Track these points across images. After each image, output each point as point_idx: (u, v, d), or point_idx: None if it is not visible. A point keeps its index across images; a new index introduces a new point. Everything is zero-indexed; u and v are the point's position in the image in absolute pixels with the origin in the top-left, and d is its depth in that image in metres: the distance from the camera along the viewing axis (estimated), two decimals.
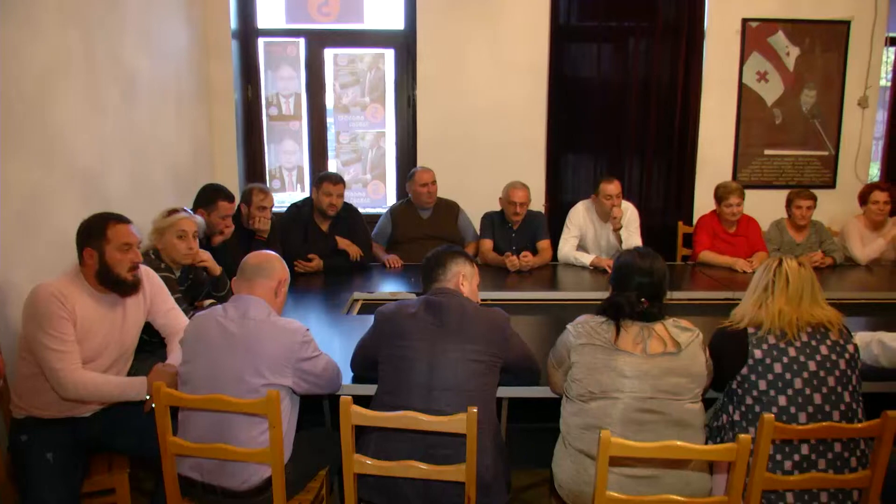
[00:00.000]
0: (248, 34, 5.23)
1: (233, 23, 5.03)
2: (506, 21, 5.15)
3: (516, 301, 3.74)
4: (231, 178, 5.04)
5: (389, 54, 5.37)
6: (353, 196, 5.47)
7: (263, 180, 5.37)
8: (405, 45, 5.28)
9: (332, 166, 5.51)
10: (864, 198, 4.73)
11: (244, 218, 3.93)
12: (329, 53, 5.35)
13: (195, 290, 3.27)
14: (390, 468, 2.06)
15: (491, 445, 2.21)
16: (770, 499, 2.10)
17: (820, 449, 2.12)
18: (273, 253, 2.50)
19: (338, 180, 4.24)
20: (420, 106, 5.24)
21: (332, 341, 2.94)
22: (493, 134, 5.25)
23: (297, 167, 5.50)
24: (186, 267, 3.17)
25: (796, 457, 2.12)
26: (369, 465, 2.07)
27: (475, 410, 1.95)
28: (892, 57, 5.49)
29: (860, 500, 2.10)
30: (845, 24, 5.38)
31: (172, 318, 2.77)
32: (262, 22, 5.28)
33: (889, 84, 5.54)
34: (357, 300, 3.70)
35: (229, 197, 3.69)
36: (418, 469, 2.04)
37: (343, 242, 4.25)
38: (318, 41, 5.31)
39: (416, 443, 2.15)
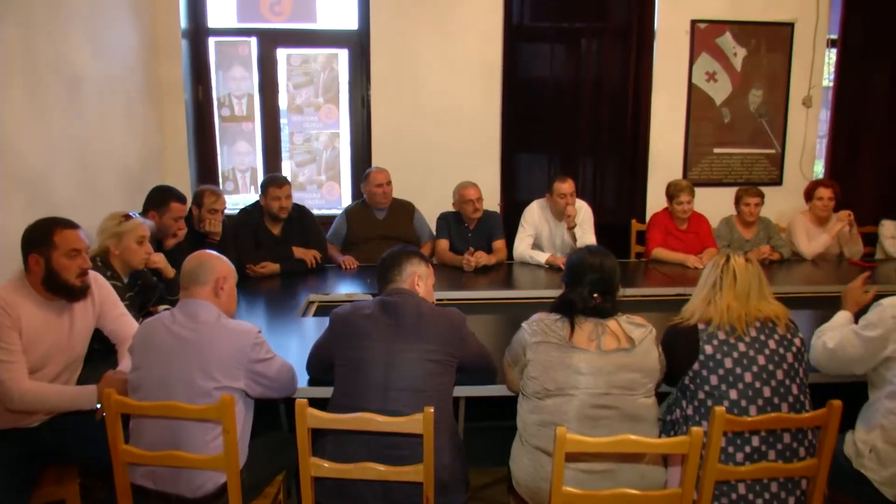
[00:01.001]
0: (198, 33, 5.15)
1: (183, 22, 4.93)
2: (459, 21, 5.16)
3: (473, 300, 3.75)
4: (182, 180, 4.94)
5: (343, 54, 5.34)
6: (307, 197, 5.42)
7: (216, 182, 5.28)
8: (359, 44, 5.25)
9: (286, 167, 5.45)
10: (809, 194, 4.86)
11: (195, 221, 3.87)
12: (282, 53, 5.30)
13: (145, 295, 3.20)
14: (348, 470, 2.05)
15: (448, 445, 2.21)
16: (723, 490, 2.14)
17: (770, 440, 2.17)
18: (209, 252, 2.44)
19: (283, 182, 4.20)
20: (374, 106, 5.22)
21: (288, 344, 2.91)
22: (447, 134, 5.26)
23: (251, 168, 5.43)
24: (135, 272, 3.11)
25: (748, 448, 2.16)
26: (326, 468, 2.06)
27: (431, 410, 1.95)
28: (834, 58, 5.65)
29: (808, 488, 2.15)
30: (789, 26, 5.53)
31: (122, 324, 2.71)
32: (213, 21, 5.20)
33: (831, 84, 5.70)
34: (312, 302, 3.67)
35: (181, 198, 3.63)
36: (376, 471, 2.04)
37: (299, 252, 4.21)
38: (270, 41, 5.25)
39: (374, 444, 2.14)
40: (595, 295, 2.21)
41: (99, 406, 2.36)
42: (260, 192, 4.25)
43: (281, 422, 3.17)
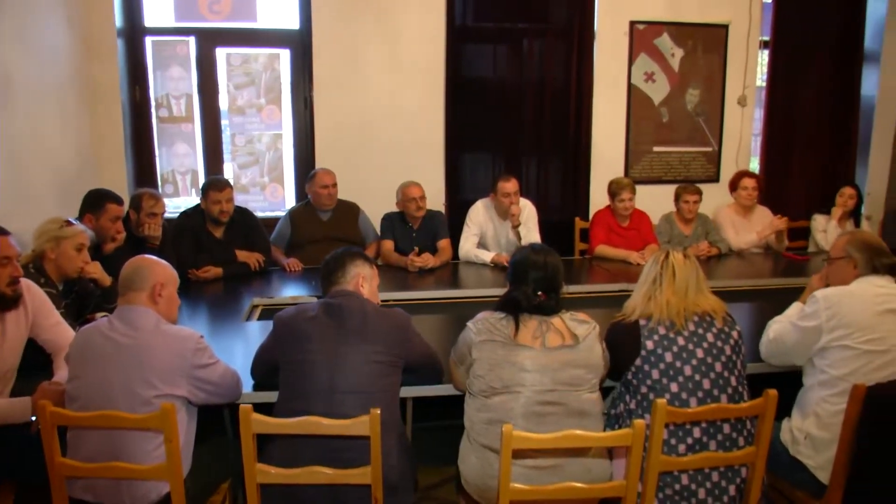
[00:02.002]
0: (134, 33, 5.02)
1: (118, 21, 4.80)
2: (402, 21, 5.15)
3: (419, 300, 3.75)
4: (120, 184, 4.81)
5: (285, 54, 5.27)
6: (251, 200, 5.34)
7: (155, 185, 5.16)
8: (301, 44, 5.19)
9: (228, 169, 5.36)
10: (734, 184, 5.03)
11: (134, 225, 3.77)
12: (221, 53, 5.20)
13: (82, 303, 3.11)
14: (295, 475, 2.03)
15: (396, 446, 2.21)
16: (666, 481, 2.19)
17: (710, 431, 2.22)
18: (147, 257, 2.39)
19: (223, 185, 4.12)
20: (317, 107, 5.17)
21: (233, 349, 2.87)
22: (391, 134, 5.25)
23: (191, 171, 5.32)
24: (70, 280, 3.02)
25: (689, 440, 2.22)
26: (273, 473, 2.03)
27: (378, 412, 1.95)
28: (767, 59, 5.83)
29: (748, 475, 2.22)
30: (724, 28, 5.68)
31: (57, 333, 2.62)
32: (150, 20, 5.07)
33: (764, 84, 5.88)
34: (257, 306, 3.62)
35: (118, 200, 3.53)
36: (323, 474, 2.02)
37: (242, 255, 4.15)
38: (209, 40, 5.15)
39: (321, 448, 2.12)
40: (539, 293, 2.24)
41: (34, 419, 2.28)
42: (200, 196, 4.17)
43: (226, 428, 3.12)
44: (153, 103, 5.16)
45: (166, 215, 3.94)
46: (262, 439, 2.11)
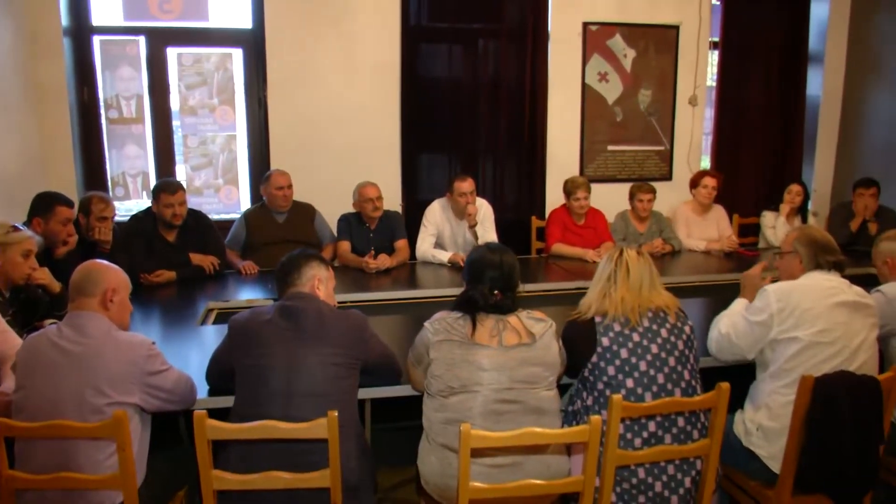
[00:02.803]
0: (81, 32, 4.90)
1: (63, 19, 4.68)
2: (356, 21, 5.13)
3: (376, 301, 3.74)
4: (69, 187, 4.68)
5: (237, 54, 5.20)
6: (204, 202, 5.26)
7: (105, 188, 5.04)
8: (253, 44, 5.13)
9: (181, 171, 5.27)
10: (695, 182, 5.12)
11: (83, 229, 3.68)
12: (172, 53, 5.11)
13: (29, 310, 3.02)
14: (252, 481, 2.00)
15: (354, 448, 2.19)
16: (623, 475, 2.22)
17: (665, 425, 2.26)
18: (98, 262, 2.34)
19: (176, 188, 4.05)
20: (272, 107, 5.12)
21: (188, 354, 2.82)
22: (347, 134, 5.22)
23: (143, 173, 5.21)
24: (17, 287, 2.93)
25: (645, 434, 2.25)
26: (229, 479, 2.00)
27: (335, 414, 1.94)
28: (717, 59, 5.96)
29: (702, 467, 2.26)
30: (675, 29, 5.78)
31: (3, 341, 2.53)
32: (98, 19, 4.96)
33: (714, 84, 6.01)
34: (212, 310, 3.56)
35: (67, 202, 3.44)
36: (281, 479, 1.99)
37: (196, 258, 4.08)
38: (159, 40, 5.06)
39: (279, 452, 2.09)
40: (496, 292, 2.25)
41: None
42: (152, 199, 4.09)
43: (181, 435, 3.07)
44: (102, 104, 5.05)
45: (117, 219, 3.85)
46: (219, 445, 2.08)
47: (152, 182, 5.14)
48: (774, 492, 2.41)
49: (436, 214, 4.65)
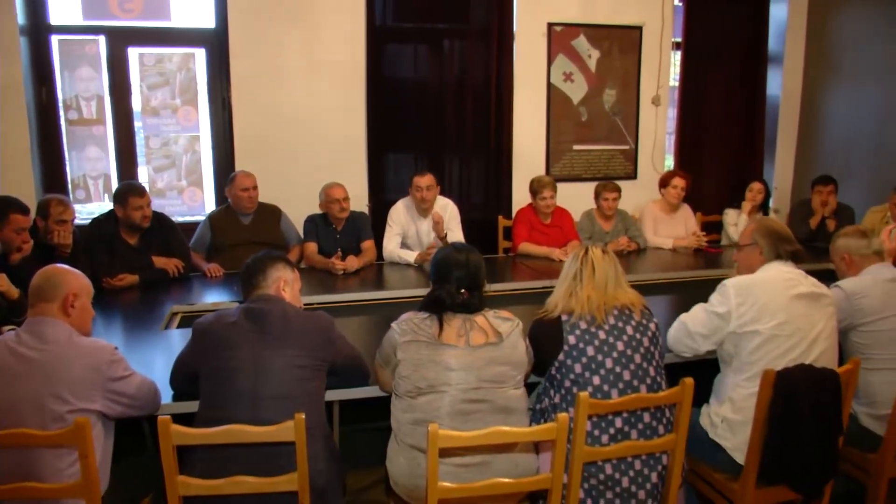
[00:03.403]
0: (38, 31, 4.80)
1: (20, 18, 4.58)
2: (321, 21, 5.10)
3: (344, 303, 3.72)
4: (27, 190, 4.59)
5: (200, 54, 5.14)
6: (167, 204, 5.19)
7: (65, 191, 4.94)
8: (217, 44, 5.07)
9: (143, 173, 5.19)
10: (665, 182, 5.18)
11: (42, 233, 3.60)
12: (133, 52, 5.02)
13: None
14: (219, 486, 1.98)
15: (322, 450, 2.18)
16: (591, 471, 2.24)
17: (632, 421, 2.29)
18: (59, 266, 2.29)
19: (143, 191, 3.99)
20: (236, 107, 5.06)
21: (152, 359, 2.78)
22: (312, 135, 5.19)
23: (104, 175, 5.12)
24: None
25: (611, 430, 2.27)
26: (195, 485, 1.98)
27: (302, 417, 1.92)
28: (679, 60, 6.04)
29: (669, 462, 2.29)
30: (638, 30, 5.85)
31: None
32: (56, 18, 4.86)
33: (677, 84, 6.09)
34: (176, 313, 3.52)
35: (23, 209, 3.36)
36: (248, 483, 1.98)
37: (160, 262, 4.02)
38: (120, 39, 4.97)
39: (246, 456, 2.07)
40: (462, 291, 2.25)
41: None
42: (116, 202, 4.00)
43: (145, 441, 3.02)
44: (61, 105, 4.95)
45: (77, 222, 3.78)
46: (185, 451, 2.05)
47: (114, 184, 5.05)
48: (739, 484, 2.45)
49: (400, 214, 4.64)
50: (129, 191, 3.96)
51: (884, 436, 2.60)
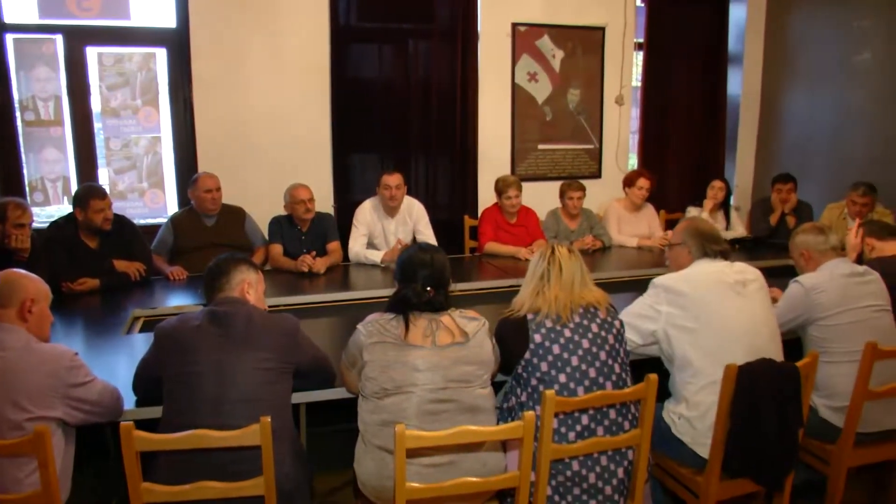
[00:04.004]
0: None
1: None
2: (284, 20, 5.06)
3: (310, 304, 3.69)
4: None
5: (161, 54, 5.06)
6: (129, 206, 5.10)
7: (22, 194, 4.83)
8: (178, 43, 5.00)
9: (104, 175, 5.09)
10: (630, 181, 5.23)
11: None
12: (92, 52, 4.93)
13: None
14: (184, 492, 1.95)
15: (289, 453, 2.16)
16: (558, 468, 2.25)
17: (598, 417, 2.30)
18: (15, 271, 2.25)
19: (104, 193, 3.92)
20: (198, 108, 4.99)
21: (114, 364, 2.72)
22: (276, 136, 5.14)
23: (62, 178, 5.02)
24: None
25: (578, 427, 2.29)
26: (159, 492, 1.94)
27: (268, 420, 1.90)
28: (642, 60, 6.11)
29: (634, 457, 2.32)
30: (601, 30, 5.91)
31: None
32: (10, 16, 4.74)
33: (640, 84, 6.16)
34: (138, 317, 3.46)
35: None
36: (213, 489, 1.95)
37: (121, 265, 3.95)
38: (78, 38, 4.88)
39: (211, 461, 2.05)
40: (428, 289, 2.25)
41: None
42: (76, 205, 3.92)
43: (107, 448, 2.97)
44: (17, 106, 4.83)
45: (35, 225, 3.70)
46: (149, 457, 2.02)
47: (73, 187, 4.95)
48: (703, 478, 2.49)
49: (366, 214, 4.62)
50: (89, 193, 3.88)
51: (842, 427, 2.66)
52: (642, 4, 6.02)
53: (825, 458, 2.75)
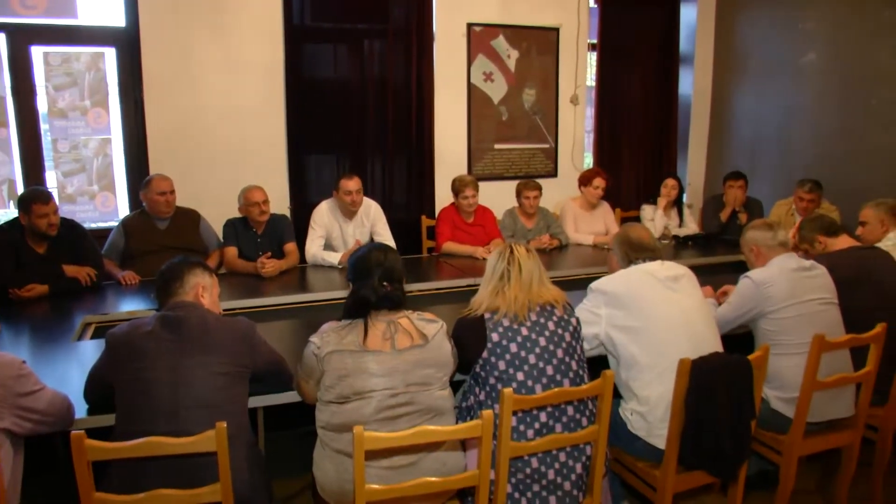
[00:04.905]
0: None
1: None
2: (236, 19, 4.99)
3: (266, 307, 3.65)
4: None
5: (110, 53, 4.95)
6: (78, 210, 4.98)
7: None
8: (128, 43, 4.90)
9: (51, 178, 4.96)
10: (586, 180, 5.28)
11: None
12: (38, 51, 4.79)
13: None
14: (137, 501, 1.91)
15: (246, 459, 2.13)
16: (517, 466, 2.27)
17: (556, 414, 2.32)
18: None
19: (49, 198, 3.80)
20: (149, 109, 4.90)
21: (64, 372, 2.65)
22: (230, 136, 5.08)
23: (8, 181, 4.87)
24: None
25: (536, 424, 2.31)
26: (112, 501, 1.90)
27: (224, 425, 1.87)
28: (595, 60, 6.18)
29: (592, 453, 2.34)
30: (555, 31, 5.96)
31: None
32: None
33: (594, 84, 6.23)
34: (89, 324, 3.37)
35: None
36: (169, 497, 1.91)
37: (71, 270, 3.84)
38: (22, 37, 4.74)
39: (168, 469, 2.00)
40: (385, 284, 2.25)
41: None
42: (20, 209, 3.80)
43: (58, 458, 2.89)
44: None
45: None
46: (101, 466, 1.97)
47: (20, 190, 4.81)
48: (660, 471, 2.53)
49: (323, 215, 4.59)
50: (32, 198, 3.77)
51: (793, 417, 2.73)
52: (595, 6, 6.09)
53: (777, 448, 2.82)
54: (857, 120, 5.37)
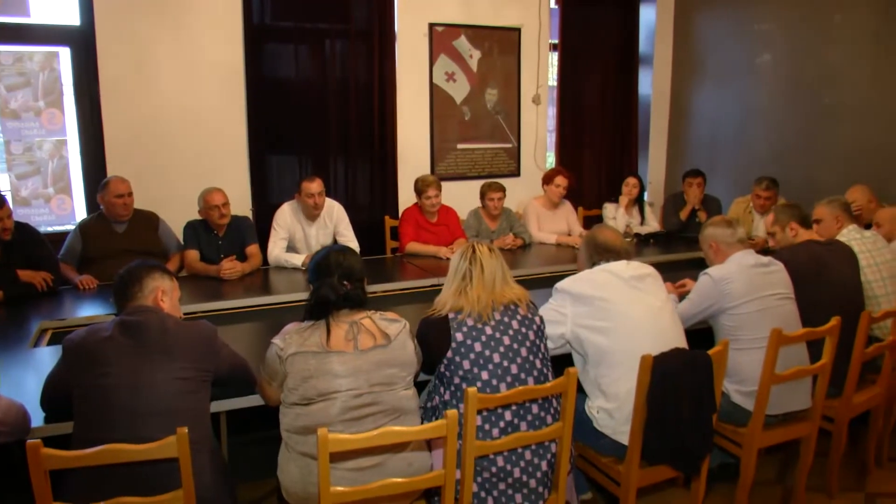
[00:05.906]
0: None
1: None
2: (195, 18, 4.92)
3: (229, 310, 3.61)
4: None
5: (65, 53, 4.84)
6: (33, 213, 4.86)
7: None
8: (83, 42, 4.79)
9: (4, 181, 4.84)
10: (549, 179, 5.31)
11: None
12: None
13: None
14: None
15: (209, 464, 2.11)
16: (483, 465, 2.27)
17: (521, 413, 2.34)
18: None
19: (2, 201, 3.72)
20: (106, 109, 4.80)
21: (20, 380, 2.59)
22: (190, 138, 5.00)
23: None
24: None
25: (501, 423, 2.32)
26: None
27: (185, 431, 1.84)
28: (557, 60, 6.23)
29: (557, 450, 2.36)
30: (517, 31, 6.00)
31: None
32: None
33: (556, 84, 6.28)
34: (46, 329, 3.29)
35: None
36: None
37: (26, 275, 3.75)
38: None
39: (127, 477, 1.96)
40: (345, 283, 2.24)
41: None
42: None
43: (14, 468, 2.82)
44: None
45: None
46: (59, 475, 1.92)
47: None
48: (624, 466, 2.56)
49: (286, 217, 4.55)
50: None
51: (752, 410, 2.78)
52: (556, 6, 6.14)
53: (738, 441, 2.87)
54: (810, 119, 5.50)
